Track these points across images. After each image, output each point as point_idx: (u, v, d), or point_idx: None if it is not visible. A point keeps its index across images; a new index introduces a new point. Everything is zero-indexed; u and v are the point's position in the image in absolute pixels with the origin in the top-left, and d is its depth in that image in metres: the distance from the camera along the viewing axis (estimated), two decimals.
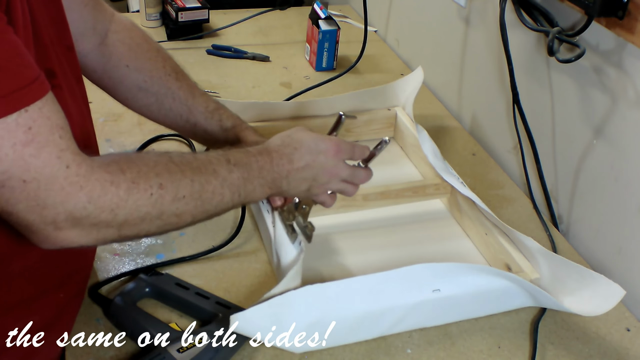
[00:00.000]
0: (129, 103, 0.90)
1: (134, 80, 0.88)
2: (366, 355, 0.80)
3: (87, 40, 0.84)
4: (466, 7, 1.29)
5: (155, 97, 0.89)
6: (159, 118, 0.91)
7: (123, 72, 0.87)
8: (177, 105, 0.89)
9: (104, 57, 0.86)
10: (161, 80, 0.89)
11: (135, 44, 0.88)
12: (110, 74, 0.87)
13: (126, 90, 0.88)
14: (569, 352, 0.83)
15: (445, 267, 0.80)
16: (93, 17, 0.84)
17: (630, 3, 0.84)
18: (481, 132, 1.29)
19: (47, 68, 0.64)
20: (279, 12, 1.68)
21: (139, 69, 0.88)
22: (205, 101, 0.91)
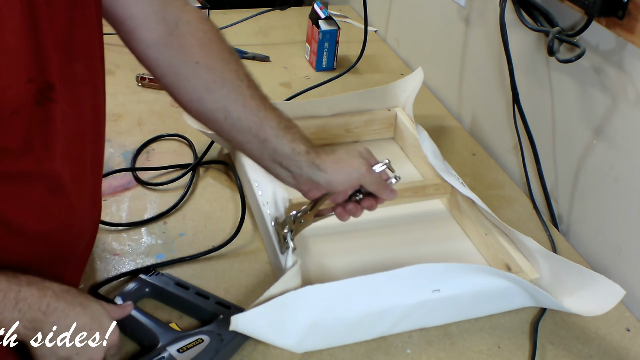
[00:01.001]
0: (193, 105, 0.79)
1: (203, 80, 0.77)
2: (366, 355, 0.80)
3: (153, 29, 0.75)
4: (466, 7, 1.29)
5: (224, 103, 0.77)
6: (224, 127, 0.79)
7: (191, 70, 0.77)
8: (247, 115, 0.77)
9: (172, 49, 0.77)
10: (233, 84, 0.77)
11: (207, 39, 0.78)
12: (176, 69, 0.77)
13: (192, 90, 0.77)
14: (568, 352, 0.83)
15: (445, 267, 0.80)
16: (161, 2, 0.76)
17: (630, 3, 0.84)
18: (481, 132, 1.29)
19: (45, 80, 0.60)
20: (279, 12, 1.68)
21: (209, 68, 0.77)
22: (278, 116, 0.79)
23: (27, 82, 0.58)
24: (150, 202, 1.02)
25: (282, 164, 0.79)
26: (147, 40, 0.76)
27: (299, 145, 0.78)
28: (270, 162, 0.80)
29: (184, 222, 0.98)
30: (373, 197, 0.84)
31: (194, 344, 0.75)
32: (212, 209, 1.02)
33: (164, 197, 1.03)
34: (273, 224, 0.88)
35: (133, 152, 1.12)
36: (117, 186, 1.04)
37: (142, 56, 0.78)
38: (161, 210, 0.99)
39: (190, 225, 0.98)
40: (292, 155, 0.78)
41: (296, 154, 0.78)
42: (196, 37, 0.78)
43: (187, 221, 0.99)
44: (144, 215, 0.99)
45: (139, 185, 1.06)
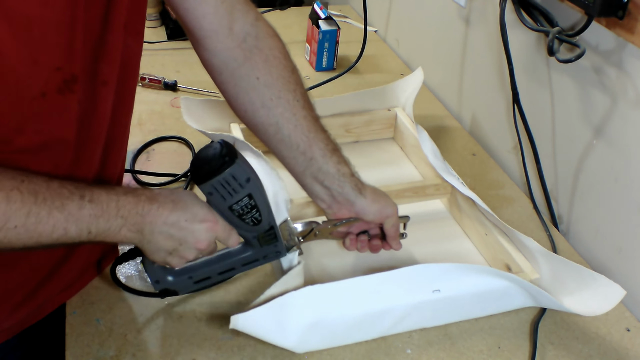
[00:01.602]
0: (246, 116, 0.83)
1: (261, 96, 0.81)
2: (366, 355, 0.80)
3: (220, 40, 0.79)
4: (466, 7, 1.29)
5: (277, 120, 0.81)
6: (272, 142, 0.83)
7: (252, 84, 0.81)
8: (297, 134, 0.81)
9: (236, 62, 0.80)
10: (289, 104, 0.81)
11: (272, 56, 0.82)
12: (237, 81, 0.81)
13: (249, 103, 0.81)
14: (569, 352, 0.83)
15: (445, 267, 0.80)
16: (230, 15, 0.78)
17: (630, 3, 0.84)
18: (481, 132, 1.29)
19: (72, 72, 0.65)
20: (279, 12, 1.68)
21: (269, 85, 0.81)
22: (327, 138, 0.84)
23: (56, 69, 0.63)
24: None
25: (323, 182, 0.83)
26: (213, 50, 0.80)
27: (344, 168, 0.84)
28: (311, 179, 0.84)
29: None
30: (381, 239, 0.89)
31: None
32: None
33: None
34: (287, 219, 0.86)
35: (133, 152, 1.12)
36: None
37: (207, 63, 0.82)
38: None
39: None
40: (336, 176, 0.83)
41: (341, 174, 0.83)
42: (262, 53, 0.81)
43: None
44: None
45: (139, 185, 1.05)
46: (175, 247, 0.73)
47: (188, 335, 0.80)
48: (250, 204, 0.74)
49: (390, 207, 0.86)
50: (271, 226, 0.78)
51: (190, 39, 0.81)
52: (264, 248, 0.79)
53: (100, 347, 0.78)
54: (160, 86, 1.34)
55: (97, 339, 0.79)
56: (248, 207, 0.74)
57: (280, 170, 0.86)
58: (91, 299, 0.84)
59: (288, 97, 0.82)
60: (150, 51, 1.50)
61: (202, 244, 0.73)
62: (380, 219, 0.86)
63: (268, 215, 0.76)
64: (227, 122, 1.14)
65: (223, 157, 0.70)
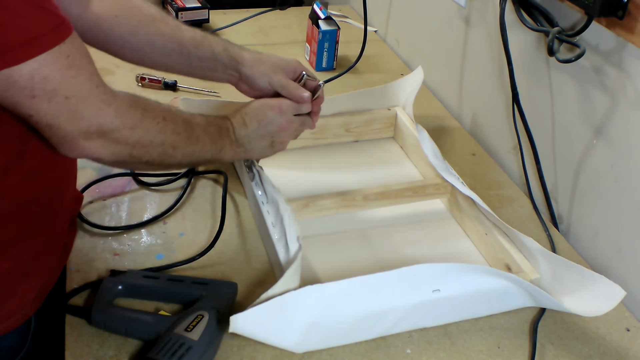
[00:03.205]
0: (124, 52, 0.94)
1: (124, 27, 0.92)
2: (366, 355, 0.80)
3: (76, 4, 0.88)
4: (466, 7, 1.29)
5: (147, 38, 0.93)
6: (154, 58, 0.95)
7: (113, 22, 0.91)
8: (167, 41, 0.93)
9: (93, 13, 0.90)
10: (148, 22, 0.93)
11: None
12: (102, 27, 0.91)
13: (118, 37, 0.92)
14: (568, 352, 0.83)
15: (445, 267, 0.80)
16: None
17: (630, 3, 0.84)
18: (481, 132, 1.29)
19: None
20: (279, 12, 1.68)
21: (126, 17, 0.92)
22: (193, 32, 0.95)
23: None
24: (150, 203, 1.02)
25: (209, 67, 0.96)
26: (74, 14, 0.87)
27: (217, 47, 0.95)
28: (200, 70, 0.96)
29: (183, 222, 0.98)
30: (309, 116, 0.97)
31: (197, 321, 0.76)
32: (212, 209, 1.02)
33: (164, 198, 1.03)
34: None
35: None
36: (116, 187, 1.04)
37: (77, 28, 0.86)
38: (161, 210, 0.99)
39: (190, 226, 0.98)
40: (212, 57, 0.95)
41: (216, 54, 0.95)
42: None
43: (187, 221, 0.99)
44: (143, 215, 0.99)
45: (139, 185, 1.06)
46: (271, 140, 0.91)
47: None
48: None
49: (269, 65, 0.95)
50: None
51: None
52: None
53: (100, 347, 0.78)
54: (160, 86, 1.34)
55: (97, 339, 0.79)
56: None
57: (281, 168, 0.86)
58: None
59: (146, 18, 0.93)
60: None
61: (283, 126, 0.90)
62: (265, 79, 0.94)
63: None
64: None
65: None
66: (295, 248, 0.82)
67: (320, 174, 1.12)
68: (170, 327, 0.76)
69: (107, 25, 0.91)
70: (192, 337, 0.74)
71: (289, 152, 1.04)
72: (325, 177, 1.11)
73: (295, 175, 1.08)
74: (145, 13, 0.94)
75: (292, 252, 0.82)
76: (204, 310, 0.78)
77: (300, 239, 0.83)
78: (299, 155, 1.12)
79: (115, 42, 0.92)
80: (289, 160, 1.08)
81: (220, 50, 0.95)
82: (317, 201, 0.98)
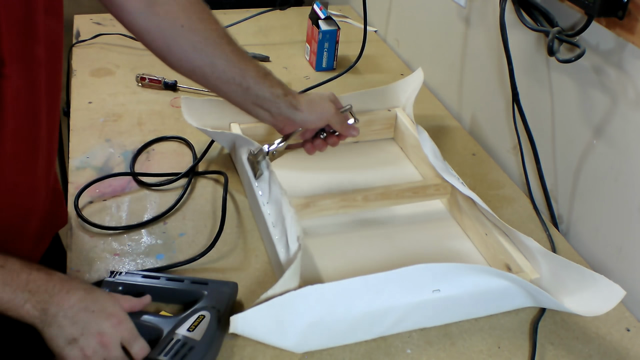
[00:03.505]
0: (182, 64, 0.90)
1: (189, 41, 0.87)
2: (366, 355, 0.80)
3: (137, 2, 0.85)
4: (466, 7, 1.29)
5: (210, 59, 0.89)
6: (211, 81, 0.92)
7: (178, 32, 0.87)
8: (230, 68, 0.90)
9: (158, 16, 0.86)
10: (215, 43, 0.89)
11: (188, 2, 0.88)
12: (164, 33, 0.87)
13: (180, 50, 0.88)
14: (569, 352, 0.83)
15: (445, 267, 0.80)
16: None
17: (630, 3, 0.84)
18: (481, 132, 1.29)
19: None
20: (279, 12, 1.68)
21: (193, 30, 0.87)
22: (256, 66, 0.93)
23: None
24: (150, 203, 1.02)
25: (262, 106, 0.93)
26: (133, 11, 0.85)
27: (277, 90, 0.93)
28: (252, 105, 0.94)
29: (184, 222, 0.98)
30: (336, 136, 1.00)
31: (199, 321, 0.76)
32: (213, 209, 1.02)
33: (164, 198, 1.03)
34: (247, 156, 0.99)
35: (133, 152, 1.12)
36: (116, 187, 1.04)
37: (130, 25, 0.87)
38: (161, 210, 0.99)
39: (190, 226, 0.98)
40: (271, 99, 0.92)
41: (275, 97, 0.92)
42: (178, 3, 0.87)
43: (187, 221, 0.99)
44: (143, 215, 0.99)
45: (139, 185, 1.06)
46: (77, 336, 0.69)
47: None
48: None
49: (327, 111, 0.95)
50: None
51: (110, 8, 0.86)
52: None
53: None
54: (160, 86, 1.34)
55: None
56: None
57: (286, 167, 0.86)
58: None
59: (213, 37, 0.89)
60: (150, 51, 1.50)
61: (105, 337, 0.70)
62: (323, 123, 0.97)
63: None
64: (227, 122, 1.14)
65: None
66: (295, 248, 0.82)
67: (320, 175, 1.12)
68: (173, 327, 0.76)
69: (171, 34, 0.87)
70: (194, 337, 0.74)
71: (289, 152, 1.04)
72: (326, 178, 1.11)
73: (295, 176, 1.08)
74: (213, 30, 0.89)
75: (292, 252, 0.82)
76: (205, 310, 0.78)
77: (300, 239, 0.83)
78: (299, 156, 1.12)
79: (176, 54, 0.89)
80: (289, 160, 1.08)
81: (280, 93, 0.93)
82: (318, 201, 0.98)
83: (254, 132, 1.13)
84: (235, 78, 0.90)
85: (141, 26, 0.86)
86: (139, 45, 1.51)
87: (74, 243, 0.93)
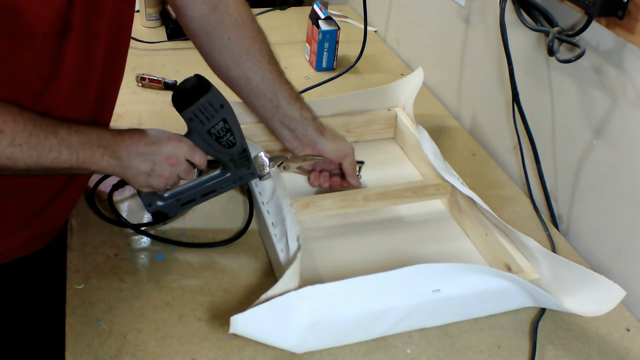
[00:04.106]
0: (220, 72, 0.97)
1: (232, 53, 0.95)
2: (366, 355, 0.80)
3: (197, 8, 0.93)
4: (466, 7, 1.29)
5: (246, 73, 0.95)
6: (244, 93, 0.98)
7: (224, 43, 0.94)
8: (264, 85, 0.96)
9: (210, 25, 0.94)
10: (255, 59, 0.95)
11: (241, 20, 0.96)
12: (211, 41, 0.95)
13: (221, 59, 0.95)
14: (568, 352, 0.83)
15: (445, 267, 0.80)
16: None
17: (630, 3, 0.84)
18: (481, 132, 1.29)
19: (69, 20, 0.75)
20: (279, 12, 1.68)
21: (238, 44, 0.95)
22: (290, 89, 0.98)
23: (58, 16, 0.74)
24: None
25: (289, 126, 0.98)
26: (191, 16, 0.94)
27: (306, 113, 0.98)
28: (278, 124, 0.98)
29: (184, 223, 0.98)
30: (341, 179, 1.04)
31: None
32: (212, 209, 1.02)
33: None
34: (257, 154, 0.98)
35: None
36: None
37: (186, 27, 0.96)
38: None
39: (190, 226, 0.98)
40: (300, 120, 0.97)
41: (304, 118, 0.98)
42: (232, 17, 0.95)
43: (187, 222, 0.99)
44: (144, 215, 0.99)
45: None
46: (152, 167, 0.83)
47: (188, 335, 0.80)
48: (225, 128, 0.86)
49: (348, 147, 1.01)
50: (244, 149, 0.90)
51: (173, 8, 0.97)
52: (239, 170, 0.92)
53: (100, 347, 0.78)
54: (160, 86, 1.34)
55: (97, 339, 0.79)
56: (223, 131, 0.86)
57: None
58: (91, 299, 0.84)
59: (255, 54, 0.95)
60: (150, 51, 1.50)
61: (172, 159, 0.84)
62: (339, 157, 1.01)
63: (241, 139, 0.88)
64: None
65: (199, 87, 0.83)
66: (295, 248, 0.82)
67: None
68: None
69: (217, 43, 0.95)
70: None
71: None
72: None
73: (295, 175, 1.07)
74: (257, 48, 0.96)
75: (292, 252, 0.83)
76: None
77: (300, 238, 0.83)
78: None
79: (217, 61, 0.96)
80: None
81: (309, 117, 0.98)
82: (318, 201, 0.98)
83: (254, 132, 1.13)
84: (267, 94, 0.96)
85: (194, 30, 0.95)
86: (139, 45, 1.52)
87: (74, 243, 0.93)
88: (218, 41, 0.94)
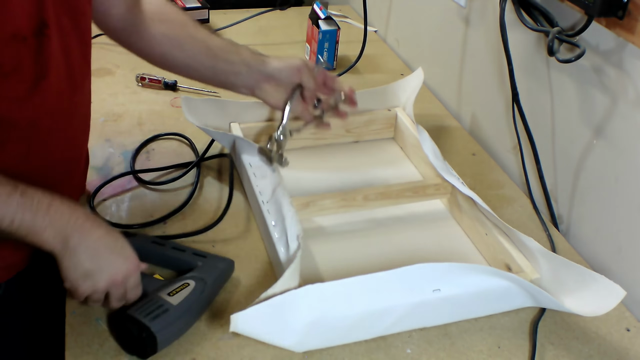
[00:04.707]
0: (154, 51, 0.98)
1: (159, 28, 0.97)
2: (366, 355, 0.80)
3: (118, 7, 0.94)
4: (466, 7, 1.29)
5: (178, 41, 0.97)
6: (181, 59, 0.99)
7: (149, 23, 0.96)
8: (197, 45, 0.98)
9: (135, 16, 0.96)
10: (182, 27, 0.98)
11: (162, 3, 0.99)
12: (138, 27, 0.96)
13: (151, 37, 0.97)
14: (568, 352, 0.83)
15: (445, 267, 0.80)
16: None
17: (630, 3, 0.84)
18: (481, 132, 1.29)
19: (42, 18, 0.72)
20: (279, 12, 1.68)
21: (162, 21, 0.97)
22: (223, 39, 1.01)
23: (29, 16, 0.70)
24: (151, 202, 1.02)
25: (234, 71, 0.99)
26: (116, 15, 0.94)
27: (244, 52, 0.99)
28: (223, 75, 1.00)
29: (183, 222, 0.98)
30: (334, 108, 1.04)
31: (182, 288, 0.79)
32: (212, 209, 1.02)
33: (165, 197, 1.03)
34: (258, 149, 1.00)
35: (133, 152, 1.12)
36: (117, 186, 1.04)
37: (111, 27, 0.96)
38: (162, 210, 0.99)
39: (190, 226, 0.98)
40: (239, 61, 0.98)
41: (243, 58, 0.99)
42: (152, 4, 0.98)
43: (187, 221, 0.99)
44: (143, 215, 0.99)
45: (140, 184, 1.06)
46: (93, 271, 0.72)
47: (188, 334, 0.80)
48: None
49: (295, 61, 0.99)
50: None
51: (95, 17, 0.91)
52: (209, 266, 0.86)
53: (100, 347, 0.78)
54: (160, 86, 1.34)
55: (97, 339, 0.79)
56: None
57: None
58: None
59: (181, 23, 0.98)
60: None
61: (117, 277, 0.74)
62: (295, 74, 0.99)
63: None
64: (227, 122, 1.14)
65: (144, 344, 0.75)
66: (295, 247, 0.82)
67: (320, 174, 1.12)
68: (156, 289, 0.79)
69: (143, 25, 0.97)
70: (171, 301, 0.77)
71: (290, 153, 1.04)
72: (326, 177, 1.11)
73: (295, 175, 1.08)
74: (181, 19, 0.99)
75: (292, 251, 0.83)
76: (191, 280, 0.81)
77: (300, 238, 0.83)
78: (299, 155, 1.12)
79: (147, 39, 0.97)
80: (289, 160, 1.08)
81: (248, 54, 0.99)
82: (318, 201, 0.98)
83: (254, 132, 1.13)
84: (202, 51, 0.98)
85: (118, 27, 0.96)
86: None
87: None
88: (143, 23, 0.96)
